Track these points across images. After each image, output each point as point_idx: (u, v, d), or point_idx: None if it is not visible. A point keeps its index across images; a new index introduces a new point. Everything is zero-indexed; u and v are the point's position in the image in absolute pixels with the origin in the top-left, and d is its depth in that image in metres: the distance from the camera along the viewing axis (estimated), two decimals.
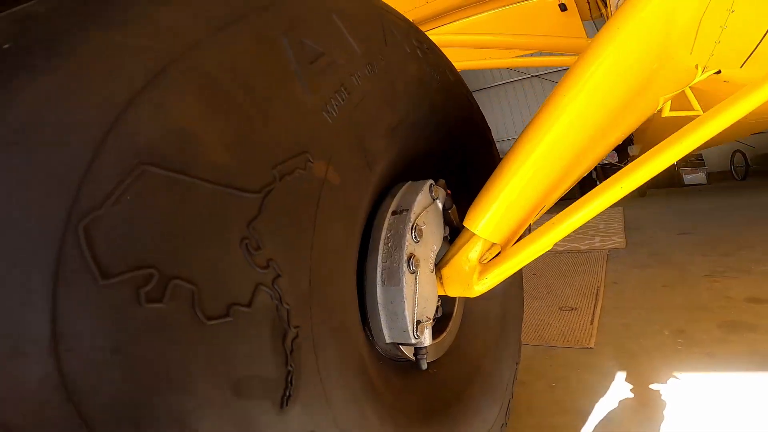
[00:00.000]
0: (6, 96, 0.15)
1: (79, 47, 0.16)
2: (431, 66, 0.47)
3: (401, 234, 0.32)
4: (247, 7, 0.23)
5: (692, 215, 2.91)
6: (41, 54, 0.16)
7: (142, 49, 0.17)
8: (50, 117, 0.15)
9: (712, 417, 0.66)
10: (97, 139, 0.15)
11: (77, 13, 0.18)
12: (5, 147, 0.14)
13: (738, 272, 1.46)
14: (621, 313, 1.17)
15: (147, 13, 0.19)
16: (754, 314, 1.05)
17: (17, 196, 0.14)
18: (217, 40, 0.19)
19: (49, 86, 0.15)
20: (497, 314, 0.61)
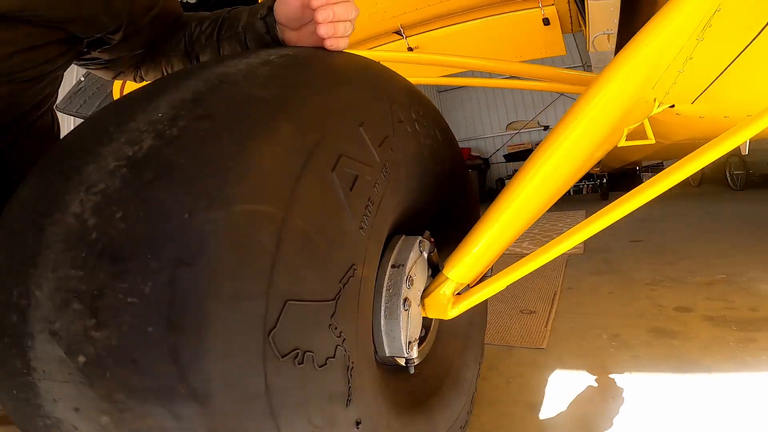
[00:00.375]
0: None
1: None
2: (425, 135, 0.58)
3: (399, 284, 0.46)
4: (307, 151, 0.32)
5: (647, 222, 3.18)
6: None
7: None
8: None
9: (633, 411, 0.85)
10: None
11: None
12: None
13: (674, 282, 1.68)
14: (571, 317, 1.35)
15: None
16: (679, 322, 1.26)
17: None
18: (300, 190, 0.31)
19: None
20: (464, 325, 0.76)
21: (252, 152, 0.26)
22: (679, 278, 1.72)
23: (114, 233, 0.22)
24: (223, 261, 0.23)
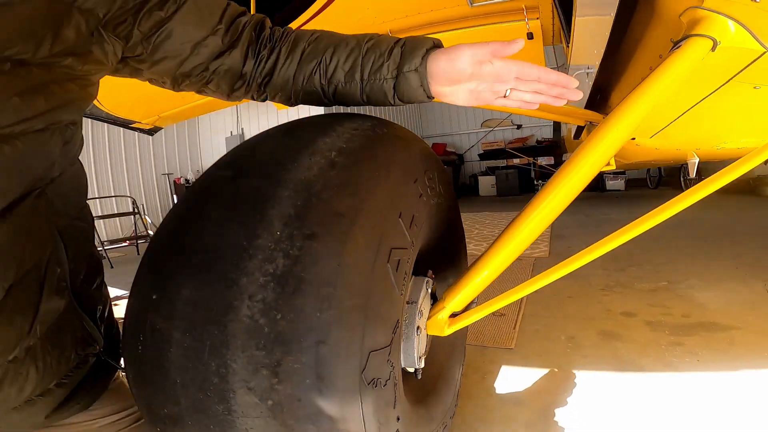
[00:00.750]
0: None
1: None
2: (435, 195, 0.69)
3: (413, 316, 0.61)
4: (373, 253, 0.44)
5: (606, 225, 3.47)
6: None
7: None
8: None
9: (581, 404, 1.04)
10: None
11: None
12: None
13: (624, 287, 1.92)
14: (536, 319, 1.56)
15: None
16: (623, 326, 1.48)
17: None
18: (372, 284, 0.44)
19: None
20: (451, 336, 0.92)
21: (346, 264, 0.40)
22: (628, 284, 1.97)
23: (279, 328, 0.36)
24: (340, 339, 0.38)
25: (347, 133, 0.51)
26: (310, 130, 0.53)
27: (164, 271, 0.42)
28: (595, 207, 4.86)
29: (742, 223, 3.12)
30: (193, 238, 0.42)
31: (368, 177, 0.48)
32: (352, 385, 0.39)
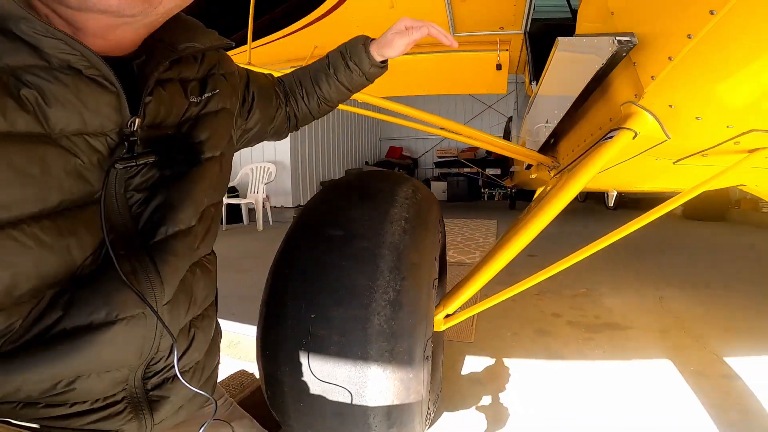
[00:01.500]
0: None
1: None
2: (442, 232, 0.98)
3: None
4: (429, 284, 0.73)
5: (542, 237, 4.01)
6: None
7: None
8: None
9: (522, 386, 1.39)
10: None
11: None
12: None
13: (553, 293, 2.36)
14: (488, 319, 1.91)
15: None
16: (552, 324, 1.89)
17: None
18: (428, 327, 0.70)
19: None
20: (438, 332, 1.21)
21: (420, 294, 0.67)
22: (556, 290, 2.41)
23: (393, 330, 0.63)
24: (419, 334, 0.66)
25: (405, 203, 0.78)
26: (381, 198, 0.78)
27: (317, 301, 0.65)
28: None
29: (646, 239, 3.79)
30: (334, 280, 0.66)
31: (423, 236, 0.75)
32: (421, 358, 0.67)
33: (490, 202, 8.19)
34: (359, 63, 0.77)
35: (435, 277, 0.75)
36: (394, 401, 0.63)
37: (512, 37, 2.77)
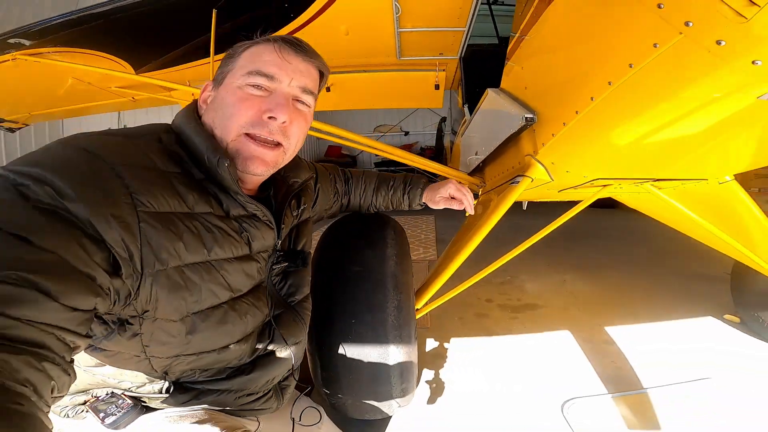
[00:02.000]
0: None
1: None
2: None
3: None
4: (414, 293, 1.08)
5: None
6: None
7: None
8: None
9: (467, 359, 1.84)
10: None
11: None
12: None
13: (486, 282, 2.86)
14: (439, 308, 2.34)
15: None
16: (487, 308, 2.38)
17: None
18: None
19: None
20: None
21: (412, 300, 1.04)
22: (487, 279, 2.90)
23: (400, 322, 0.99)
24: (412, 320, 1.02)
25: (392, 243, 1.14)
26: (380, 243, 1.13)
27: (355, 311, 1.00)
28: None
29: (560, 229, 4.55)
30: (363, 298, 1.02)
31: (406, 263, 1.14)
32: (414, 339, 1.07)
33: None
34: (412, 198, 1.18)
35: (415, 289, 1.13)
36: (404, 367, 1.01)
37: (449, 61, 3.19)
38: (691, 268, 2.94)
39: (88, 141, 0.55)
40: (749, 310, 1.91)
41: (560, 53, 1.13)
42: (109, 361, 0.63)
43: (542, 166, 1.47)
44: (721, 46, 0.68)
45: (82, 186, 0.48)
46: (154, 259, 0.55)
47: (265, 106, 0.66)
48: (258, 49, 0.70)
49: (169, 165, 0.60)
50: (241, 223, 0.68)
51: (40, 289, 0.40)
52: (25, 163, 0.48)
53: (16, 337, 0.38)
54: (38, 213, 0.44)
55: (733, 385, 1.49)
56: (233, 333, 0.67)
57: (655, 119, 0.96)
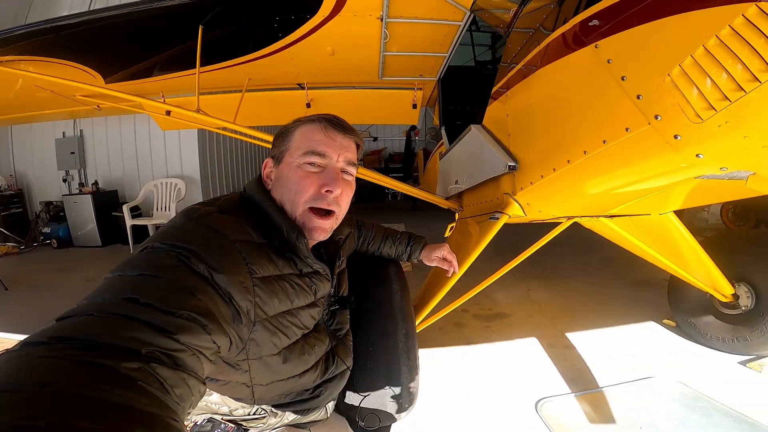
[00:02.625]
0: None
1: None
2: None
3: None
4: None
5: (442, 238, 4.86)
6: None
7: None
8: None
9: (446, 367, 2.04)
10: None
11: None
12: None
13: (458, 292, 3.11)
14: None
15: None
16: (463, 318, 2.60)
17: None
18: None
19: None
20: None
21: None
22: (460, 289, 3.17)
23: (408, 331, 1.14)
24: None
25: (396, 278, 1.30)
26: (387, 280, 1.29)
27: (372, 340, 1.14)
28: (436, 217, 6.35)
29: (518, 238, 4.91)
30: (378, 328, 1.15)
31: (407, 295, 1.30)
32: (417, 353, 1.19)
33: (393, 202, 9.00)
34: (412, 253, 1.35)
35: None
36: (411, 383, 1.18)
37: (427, 81, 3.38)
38: (634, 275, 3.35)
39: (210, 220, 0.71)
40: (683, 315, 2.26)
41: (546, 116, 1.33)
42: (219, 389, 0.81)
43: (519, 205, 1.70)
44: (677, 140, 0.90)
45: (221, 260, 0.65)
46: (261, 311, 0.72)
47: (321, 182, 0.82)
48: (307, 129, 0.85)
49: (260, 237, 0.76)
50: (311, 278, 0.85)
51: (201, 324, 0.56)
52: (177, 239, 0.65)
53: (180, 360, 0.50)
54: (198, 278, 0.61)
55: (672, 382, 1.80)
56: (309, 361, 0.86)
57: (616, 180, 1.20)
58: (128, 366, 0.43)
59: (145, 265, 0.59)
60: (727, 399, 1.64)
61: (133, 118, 5.32)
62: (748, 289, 1.95)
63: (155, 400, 0.43)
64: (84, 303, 0.53)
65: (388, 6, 1.95)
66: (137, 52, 2.55)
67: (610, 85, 0.99)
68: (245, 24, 2.27)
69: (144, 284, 0.56)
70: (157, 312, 0.52)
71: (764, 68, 0.69)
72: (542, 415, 1.61)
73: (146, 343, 0.47)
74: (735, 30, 0.74)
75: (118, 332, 0.47)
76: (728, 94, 0.75)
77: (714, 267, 1.94)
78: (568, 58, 1.14)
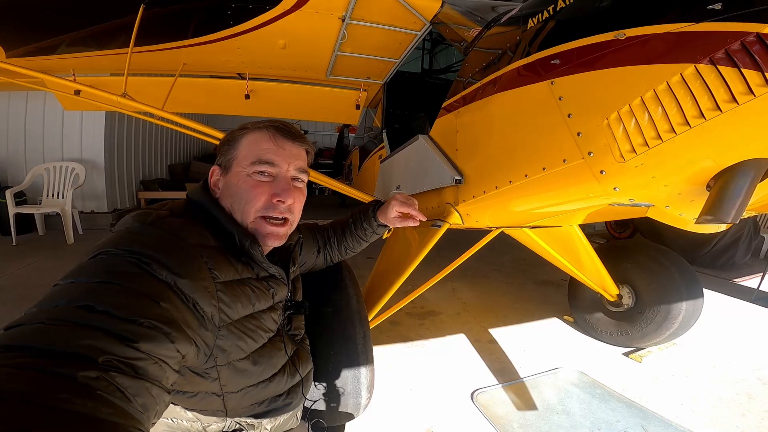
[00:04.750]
0: None
1: None
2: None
3: None
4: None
5: None
6: None
7: None
8: None
9: (390, 360, 2.15)
10: None
11: None
12: None
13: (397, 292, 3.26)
14: None
15: None
16: (398, 317, 2.73)
17: None
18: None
19: None
20: None
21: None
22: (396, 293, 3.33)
23: (364, 332, 1.18)
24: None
25: (350, 283, 1.35)
26: (342, 285, 1.33)
27: (332, 342, 1.18)
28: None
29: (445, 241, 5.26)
30: (340, 331, 1.19)
31: (362, 301, 1.35)
32: (371, 348, 1.26)
33: (321, 197, 8.91)
34: (369, 224, 1.28)
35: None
36: (369, 381, 1.23)
37: (373, 84, 3.39)
38: (540, 276, 3.83)
39: (167, 224, 0.69)
40: (579, 312, 2.68)
41: (497, 139, 1.47)
42: (189, 403, 0.77)
43: (459, 215, 1.86)
44: (602, 174, 1.10)
45: (183, 265, 0.64)
46: (226, 316, 0.72)
47: (272, 191, 0.82)
48: (255, 137, 0.84)
49: (214, 240, 0.75)
50: (268, 282, 0.85)
51: (164, 332, 0.55)
52: (134, 244, 0.62)
53: (142, 368, 0.49)
54: (160, 284, 0.60)
55: (575, 372, 2.14)
56: (277, 364, 0.86)
57: (546, 201, 1.41)
58: (86, 375, 0.42)
59: (102, 271, 0.56)
60: (616, 386, 2.00)
61: (26, 94, 4.50)
62: (630, 290, 2.39)
63: (117, 409, 0.43)
64: (33, 311, 0.50)
65: (353, 8, 1.96)
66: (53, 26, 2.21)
67: (557, 120, 1.15)
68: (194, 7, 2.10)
69: (101, 291, 0.53)
70: (115, 320, 0.50)
71: (683, 122, 0.89)
72: (478, 406, 1.80)
73: (103, 351, 0.46)
74: (669, 86, 0.88)
75: (73, 340, 0.45)
76: (649, 141, 0.95)
77: (604, 270, 2.33)
78: (525, 88, 1.28)
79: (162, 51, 2.49)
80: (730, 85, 0.81)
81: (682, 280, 2.22)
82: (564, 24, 1.21)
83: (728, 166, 0.91)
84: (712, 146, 0.90)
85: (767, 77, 0.77)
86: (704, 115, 0.86)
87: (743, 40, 0.79)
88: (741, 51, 0.79)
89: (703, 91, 0.85)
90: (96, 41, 2.39)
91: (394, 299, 1.93)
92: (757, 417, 1.79)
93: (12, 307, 2.69)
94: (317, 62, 2.80)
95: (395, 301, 1.93)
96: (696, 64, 0.86)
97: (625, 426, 1.69)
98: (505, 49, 1.45)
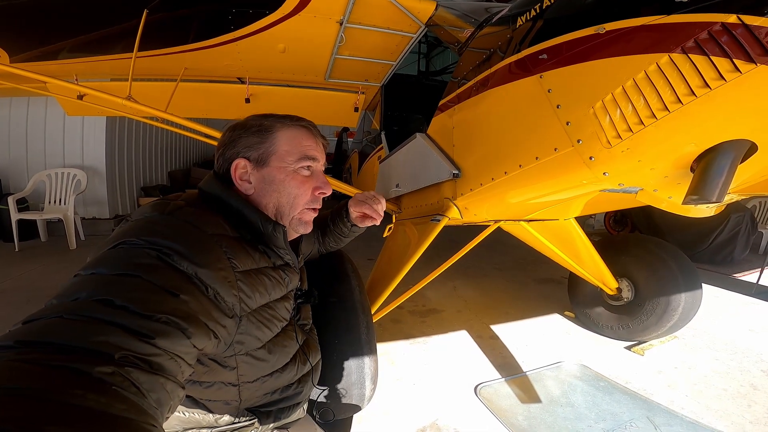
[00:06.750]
0: None
1: None
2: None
3: None
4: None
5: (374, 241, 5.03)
6: None
7: None
8: None
9: (394, 356, 2.17)
10: None
11: None
12: None
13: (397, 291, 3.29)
14: None
15: None
16: (400, 315, 2.76)
17: None
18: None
19: None
20: None
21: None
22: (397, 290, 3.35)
23: (368, 321, 1.21)
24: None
25: (353, 275, 1.38)
26: (345, 276, 1.36)
27: (338, 332, 1.21)
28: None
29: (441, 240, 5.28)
30: (343, 321, 1.22)
31: (362, 288, 1.38)
32: (375, 339, 1.29)
33: None
34: (341, 220, 1.30)
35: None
36: (372, 372, 1.26)
37: (371, 87, 3.45)
38: (540, 274, 3.85)
39: (186, 214, 0.69)
40: (580, 308, 2.70)
41: (491, 133, 1.52)
42: (204, 393, 0.77)
43: (457, 209, 1.90)
44: (591, 160, 1.14)
45: (204, 255, 0.64)
46: (246, 306, 0.72)
47: (314, 185, 0.88)
48: (294, 134, 0.87)
49: (232, 231, 0.75)
50: (283, 270, 0.86)
51: (180, 328, 0.55)
52: (155, 234, 0.62)
53: (157, 364, 0.49)
54: (181, 276, 0.60)
55: (578, 365, 2.16)
56: (289, 353, 0.88)
57: (540, 189, 1.44)
58: (102, 370, 0.42)
59: (122, 263, 0.56)
60: (620, 379, 2.01)
61: (27, 100, 4.57)
62: (629, 284, 2.41)
63: (132, 405, 0.43)
64: (53, 303, 0.51)
65: (350, 11, 2.01)
66: (57, 31, 2.27)
67: (547, 112, 1.20)
68: (196, 13, 2.16)
69: (120, 285, 0.53)
70: (133, 315, 0.50)
71: (662, 107, 0.93)
72: (482, 399, 1.81)
73: (120, 347, 0.46)
74: (647, 75, 0.94)
75: (91, 336, 0.46)
76: (632, 127, 1.00)
77: (603, 264, 2.36)
78: (516, 83, 1.34)
79: (164, 56, 2.55)
80: (702, 72, 0.86)
81: (680, 271, 2.24)
82: (550, 21, 1.26)
83: (709, 148, 0.95)
84: (691, 129, 0.95)
85: (736, 64, 0.81)
86: (681, 100, 0.90)
87: (710, 29, 0.84)
88: (709, 40, 0.84)
89: (678, 78, 0.90)
90: (99, 46, 2.44)
91: (395, 295, 1.95)
92: (764, 408, 1.79)
93: (17, 307, 2.74)
94: (316, 65, 2.85)
95: (396, 297, 1.95)
96: (670, 53, 0.91)
97: (630, 417, 1.69)
98: (496, 48, 1.51)
